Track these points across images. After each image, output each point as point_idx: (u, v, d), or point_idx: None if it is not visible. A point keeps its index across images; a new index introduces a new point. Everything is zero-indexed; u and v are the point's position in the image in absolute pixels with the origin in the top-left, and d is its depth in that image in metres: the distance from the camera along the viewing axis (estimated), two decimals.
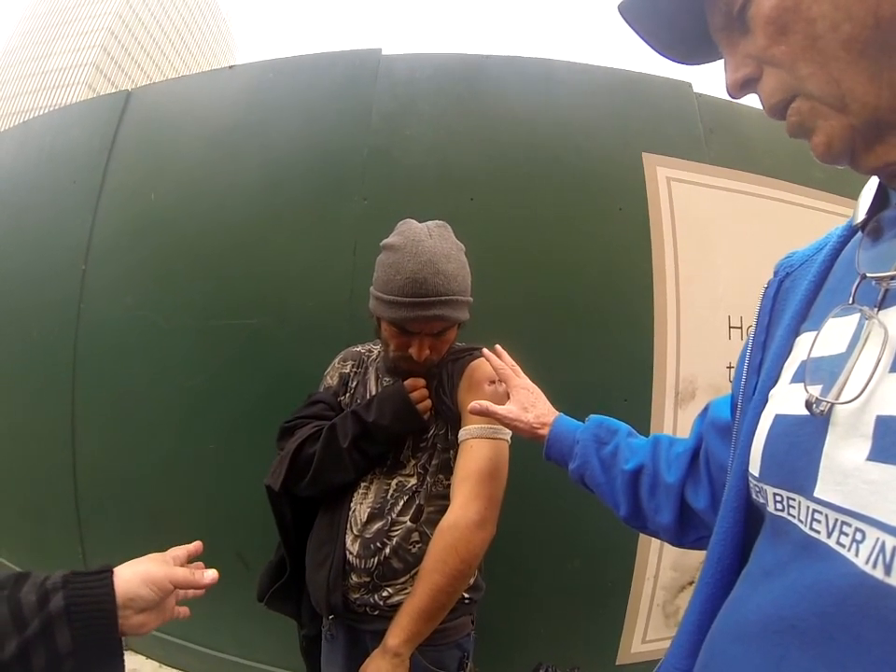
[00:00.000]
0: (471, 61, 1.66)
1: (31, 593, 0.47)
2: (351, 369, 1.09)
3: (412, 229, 0.91)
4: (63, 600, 0.47)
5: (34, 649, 0.45)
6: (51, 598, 0.47)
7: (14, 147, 2.20)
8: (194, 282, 1.68)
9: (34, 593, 0.47)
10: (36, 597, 0.47)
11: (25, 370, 1.93)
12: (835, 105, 0.32)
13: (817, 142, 0.34)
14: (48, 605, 0.47)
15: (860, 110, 0.31)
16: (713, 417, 0.59)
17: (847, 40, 0.30)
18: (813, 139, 0.34)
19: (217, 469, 1.61)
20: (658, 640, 1.53)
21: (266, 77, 1.75)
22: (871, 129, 0.32)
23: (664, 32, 0.42)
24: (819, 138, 0.33)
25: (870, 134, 0.32)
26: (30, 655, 0.45)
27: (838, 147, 0.33)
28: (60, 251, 1.89)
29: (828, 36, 0.30)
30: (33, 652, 0.45)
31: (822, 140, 0.33)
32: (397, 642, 0.78)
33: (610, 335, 1.53)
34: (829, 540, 0.31)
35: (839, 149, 0.33)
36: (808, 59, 0.31)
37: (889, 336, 0.31)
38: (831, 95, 0.31)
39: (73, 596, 0.48)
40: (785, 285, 0.47)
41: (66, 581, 0.49)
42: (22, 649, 0.45)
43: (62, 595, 0.48)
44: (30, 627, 0.46)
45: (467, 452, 0.88)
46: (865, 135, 0.32)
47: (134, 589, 0.52)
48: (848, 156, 0.34)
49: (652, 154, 1.58)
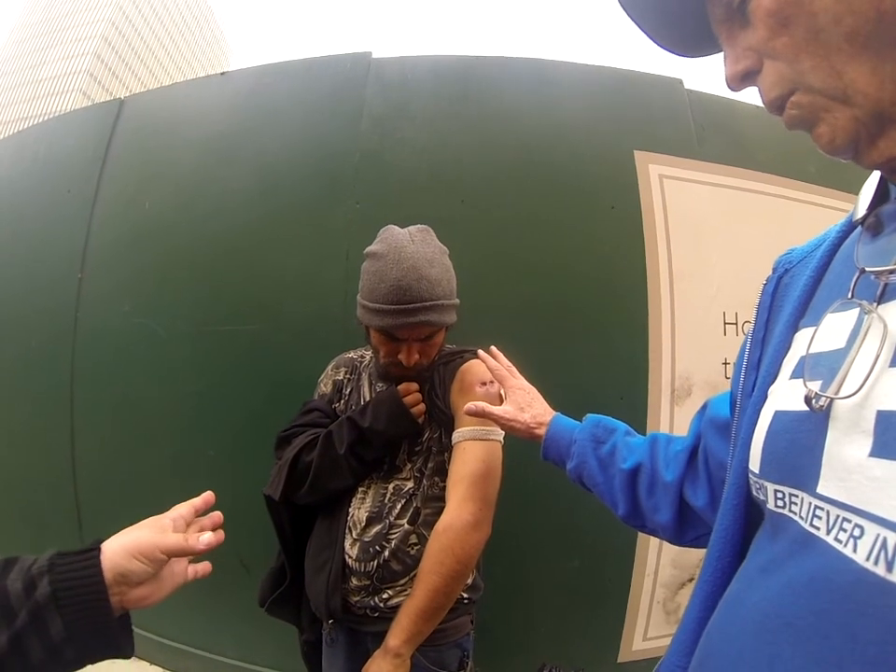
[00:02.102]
0: (462, 62, 1.67)
1: (17, 580, 0.45)
2: (344, 375, 1.09)
3: (393, 235, 0.91)
4: (48, 586, 0.44)
5: (27, 640, 0.43)
6: (38, 585, 0.44)
7: (8, 157, 2.20)
8: (190, 288, 1.69)
9: (20, 580, 0.45)
10: (23, 585, 0.44)
11: (24, 378, 1.93)
12: (838, 97, 0.31)
13: (820, 132, 0.33)
14: (34, 592, 0.44)
15: (862, 102, 0.31)
16: (712, 415, 0.59)
17: (849, 33, 0.30)
18: (816, 130, 0.34)
19: (217, 474, 1.61)
20: (659, 637, 1.53)
21: (258, 82, 1.75)
22: (874, 122, 0.31)
23: (663, 24, 0.42)
24: (823, 129, 0.33)
25: (873, 128, 0.32)
26: (25, 647, 0.43)
27: (842, 139, 0.32)
28: (56, 260, 1.90)
29: (830, 29, 0.30)
30: (27, 643, 0.43)
31: (826, 131, 0.33)
32: (397, 643, 0.79)
33: (605, 334, 1.53)
34: (827, 537, 0.31)
35: (843, 141, 0.33)
36: (811, 52, 0.31)
37: (888, 330, 0.31)
38: (833, 88, 0.31)
39: (59, 581, 0.45)
40: (784, 281, 0.47)
41: (52, 565, 0.46)
42: (15, 642, 0.43)
43: (47, 580, 0.45)
44: (19, 618, 0.43)
45: (460, 454, 0.89)
46: (869, 128, 0.32)
47: (123, 564, 0.48)
48: (852, 149, 0.33)
49: (644, 152, 1.58)
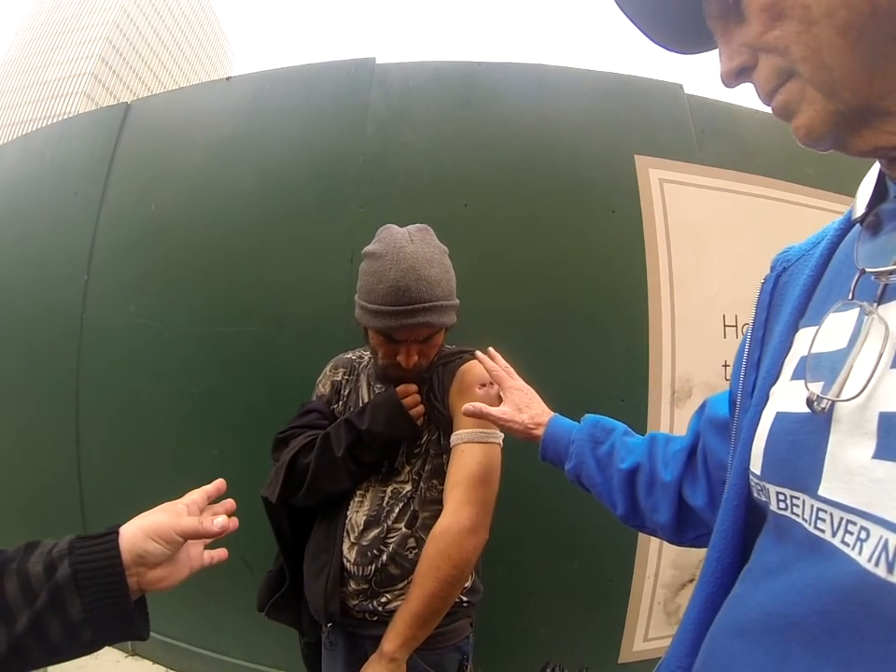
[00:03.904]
0: (464, 67, 1.68)
1: (38, 563, 0.46)
2: (343, 376, 1.07)
3: (392, 235, 0.89)
4: (69, 567, 0.46)
5: (47, 620, 0.44)
6: (58, 567, 0.46)
7: (15, 160, 2.22)
8: (195, 290, 1.70)
9: (40, 563, 0.46)
10: (43, 567, 0.45)
11: (30, 378, 1.94)
12: (825, 90, 0.31)
13: (797, 125, 0.33)
14: (55, 574, 0.45)
15: (850, 98, 0.31)
16: (711, 414, 0.59)
17: (842, 27, 0.29)
18: (794, 122, 0.34)
19: (222, 473, 1.61)
20: (660, 638, 1.53)
21: (263, 87, 1.77)
22: (857, 115, 0.31)
23: (658, 21, 0.42)
24: (800, 121, 0.33)
25: (855, 119, 0.31)
26: (44, 627, 0.44)
27: (819, 131, 0.32)
28: (62, 261, 1.91)
29: (823, 22, 0.30)
30: (47, 624, 0.44)
31: (803, 123, 0.33)
32: (393, 647, 0.78)
33: (606, 337, 1.54)
34: (834, 539, 0.30)
35: (820, 133, 0.33)
36: (802, 43, 0.31)
37: (889, 331, 0.31)
38: (822, 81, 0.31)
39: (79, 563, 0.46)
40: (782, 279, 0.46)
41: (72, 548, 0.47)
42: (35, 621, 0.44)
43: (67, 562, 0.46)
44: (39, 599, 0.44)
45: (458, 457, 0.87)
46: (850, 120, 0.32)
47: (140, 545, 0.49)
48: (830, 140, 0.33)
49: (645, 156, 1.59)
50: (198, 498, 0.58)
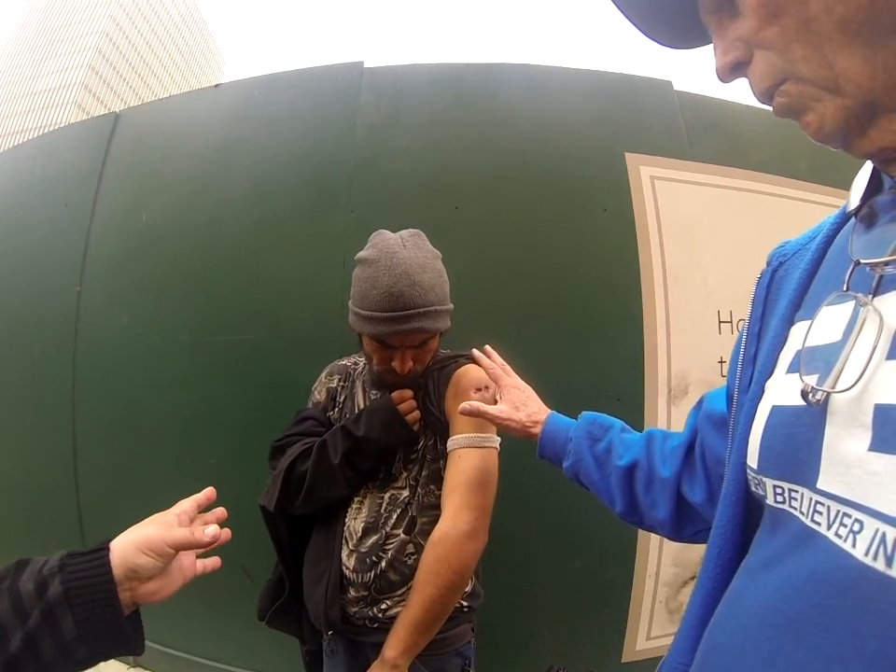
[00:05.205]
0: (453, 69, 1.68)
1: (29, 581, 0.46)
2: (338, 383, 1.07)
3: (385, 240, 0.89)
4: (60, 585, 0.45)
5: (40, 639, 0.44)
6: (49, 585, 0.45)
7: (5, 171, 2.21)
8: (188, 299, 1.69)
9: (31, 581, 0.46)
10: (34, 585, 0.45)
11: (26, 388, 1.93)
12: (829, 87, 0.31)
13: (808, 121, 0.33)
14: (46, 592, 0.45)
15: (854, 92, 0.30)
16: (708, 410, 0.59)
17: (841, 22, 0.29)
18: (804, 118, 0.33)
19: (219, 482, 1.59)
20: (663, 637, 1.53)
21: (251, 94, 1.76)
22: (865, 111, 0.31)
23: (652, 15, 0.42)
24: (812, 117, 0.33)
25: (864, 117, 0.31)
26: (37, 646, 0.44)
27: (831, 127, 0.32)
28: (55, 273, 1.90)
29: (822, 18, 0.29)
30: (40, 642, 0.44)
31: (815, 119, 0.33)
32: (394, 654, 0.78)
33: (601, 335, 1.54)
34: (828, 532, 0.30)
35: (831, 129, 0.32)
36: (802, 41, 0.31)
37: (884, 323, 0.31)
38: (824, 78, 0.31)
39: (70, 580, 0.46)
40: (778, 274, 0.46)
41: (63, 565, 0.47)
42: (28, 640, 0.43)
43: (58, 580, 0.46)
44: (31, 618, 0.44)
45: (455, 462, 0.87)
46: (859, 117, 0.31)
47: (132, 559, 0.49)
48: (841, 137, 0.33)
49: (635, 154, 1.59)
50: (188, 508, 0.58)
